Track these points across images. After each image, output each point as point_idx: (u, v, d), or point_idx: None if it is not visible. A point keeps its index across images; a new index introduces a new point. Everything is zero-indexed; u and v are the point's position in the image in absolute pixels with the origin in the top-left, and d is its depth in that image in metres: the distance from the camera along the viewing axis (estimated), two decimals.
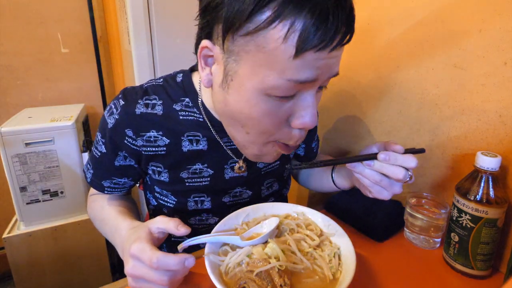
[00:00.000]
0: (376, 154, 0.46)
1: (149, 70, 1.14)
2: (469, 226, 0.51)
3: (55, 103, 1.68)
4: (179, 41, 1.17)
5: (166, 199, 0.63)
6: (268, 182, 0.68)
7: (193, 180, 0.60)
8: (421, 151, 0.49)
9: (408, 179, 0.46)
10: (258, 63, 0.39)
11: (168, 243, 0.71)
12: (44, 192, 1.28)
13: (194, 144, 0.57)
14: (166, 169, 0.59)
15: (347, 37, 0.39)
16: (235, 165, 0.61)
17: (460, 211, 0.52)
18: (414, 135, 0.68)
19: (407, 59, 0.68)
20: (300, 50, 0.36)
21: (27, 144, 1.20)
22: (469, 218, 0.51)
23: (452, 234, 0.54)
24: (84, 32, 1.71)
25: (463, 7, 0.56)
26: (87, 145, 1.41)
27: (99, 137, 0.58)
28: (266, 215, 0.57)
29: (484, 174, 0.51)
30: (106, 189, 0.62)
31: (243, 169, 0.61)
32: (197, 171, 0.59)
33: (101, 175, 0.61)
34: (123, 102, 0.55)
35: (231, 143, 0.60)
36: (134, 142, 0.55)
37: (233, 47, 0.40)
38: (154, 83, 0.58)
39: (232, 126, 0.48)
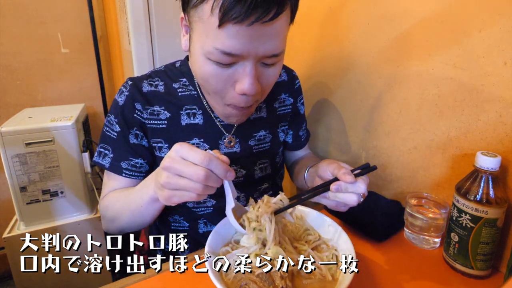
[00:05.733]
0: (330, 184, 0.50)
1: (149, 70, 1.15)
2: (469, 226, 0.51)
3: (55, 103, 1.68)
4: (179, 41, 1.17)
5: None
6: (261, 163, 0.72)
7: None
8: (373, 168, 0.51)
9: (361, 200, 0.50)
10: (200, 31, 0.49)
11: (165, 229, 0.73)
12: (44, 192, 1.28)
13: (191, 118, 0.65)
14: (167, 143, 0.64)
15: (270, 15, 0.44)
16: (226, 139, 0.67)
17: (460, 211, 0.52)
18: (414, 135, 0.68)
19: (407, 59, 0.68)
20: (221, 21, 0.44)
21: (27, 144, 1.20)
22: (469, 218, 0.51)
23: (452, 234, 0.54)
24: (84, 32, 1.71)
25: (463, 7, 0.56)
26: (87, 145, 1.41)
27: (112, 118, 0.64)
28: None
29: (484, 174, 0.51)
30: (124, 171, 0.64)
31: (232, 143, 0.67)
32: (194, 146, 0.64)
33: (120, 155, 0.64)
34: (131, 83, 0.64)
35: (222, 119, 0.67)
36: (142, 115, 0.63)
37: (189, 18, 0.51)
38: (156, 69, 0.69)
39: (201, 87, 0.62)
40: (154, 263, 0.82)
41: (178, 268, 0.48)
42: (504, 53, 0.52)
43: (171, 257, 0.47)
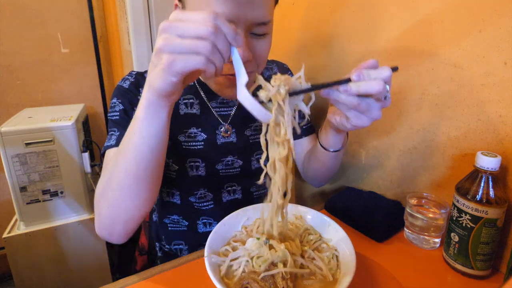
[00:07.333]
0: (350, 78, 0.43)
1: None
2: (469, 226, 0.51)
3: (55, 103, 1.69)
4: None
5: (167, 170, 0.67)
6: (258, 153, 0.73)
7: (189, 143, 0.67)
8: (395, 68, 0.44)
9: (386, 94, 0.44)
10: (192, 5, 0.51)
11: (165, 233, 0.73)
12: (44, 192, 1.28)
13: (189, 107, 0.67)
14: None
15: None
16: (223, 128, 0.68)
17: (460, 211, 0.52)
18: (414, 135, 0.68)
19: (407, 59, 0.68)
20: None
21: (27, 144, 1.21)
22: (469, 218, 0.51)
23: (452, 234, 0.54)
24: (84, 32, 1.71)
25: (463, 7, 0.56)
26: (87, 145, 1.41)
27: (115, 101, 0.63)
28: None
29: (484, 174, 0.51)
30: None
31: (228, 133, 0.69)
32: (192, 135, 0.67)
33: (126, 128, 0.58)
34: (135, 72, 0.67)
35: (219, 109, 0.68)
36: None
37: None
38: None
39: None
40: (154, 263, 0.82)
41: (178, 268, 0.48)
42: (504, 53, 0.52)
43: (171, 257, 0.47)
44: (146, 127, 0.43)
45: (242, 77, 0.41)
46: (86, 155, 1.33)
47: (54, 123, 1.26)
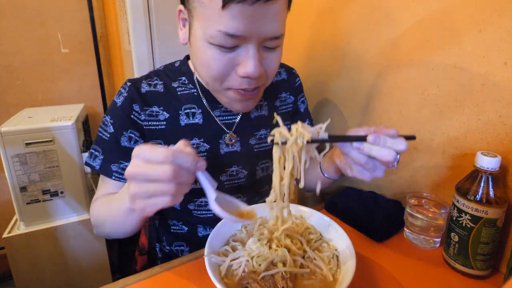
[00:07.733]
0: (366, 136, 0.44)
1: (149, 70, 1.15)
2: (469, 226, 0.51)
3: (55, 103, 1.68)
4: (179, 41, 1.17)
5: None
6: (263, 163, 0.71)
7: None
8: (412, 137, 0.46)
9: (395, 163, 0.45)
10: (201, 16, 0.49)
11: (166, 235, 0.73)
12: (44, 192, 1.28)
13: (191, 117, 0.64)
14: (166, 145, 0.62)
15: None
16: (227, 136, 0.66)
17: (460, 211, 0.52)
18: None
19: (407, 59, 0.68)
20: (225, 0, 0.44)
21: (27, 144, 1.20)
22: (469, 218, 0.51)
23: (452, 234, 0.54)
24: (84, 32, 1.71)
25: (463, 7, 0.56)
26: (87, 145, 1.42)
27: (108, 119, 0.62)
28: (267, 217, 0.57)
29: (484, 174, 0.51)
30: (114, 174, 0.61)
31: (233, 141, 0.67)
32: (194, 146, 0.64)
33: (110, 158, 0.61)
34: (130, 83, 0.63)
35: (223, 117, 0.66)
36: (139, 116, 0.62)
37: (189, 6, 0.52)
38: (156, 69, 0.69)
39: (200, 76, 0.60)
40: (154, 263, 0.82)
41: (178, 268, 0.48)
42: (504, 53, 0.52)
43: (171, 258, 0.47)
44: (129, 216, 0.50)
45: (211, 195, 0.46)
46: (86, 155, 1.32)
47: (54, 123, 1.26)
